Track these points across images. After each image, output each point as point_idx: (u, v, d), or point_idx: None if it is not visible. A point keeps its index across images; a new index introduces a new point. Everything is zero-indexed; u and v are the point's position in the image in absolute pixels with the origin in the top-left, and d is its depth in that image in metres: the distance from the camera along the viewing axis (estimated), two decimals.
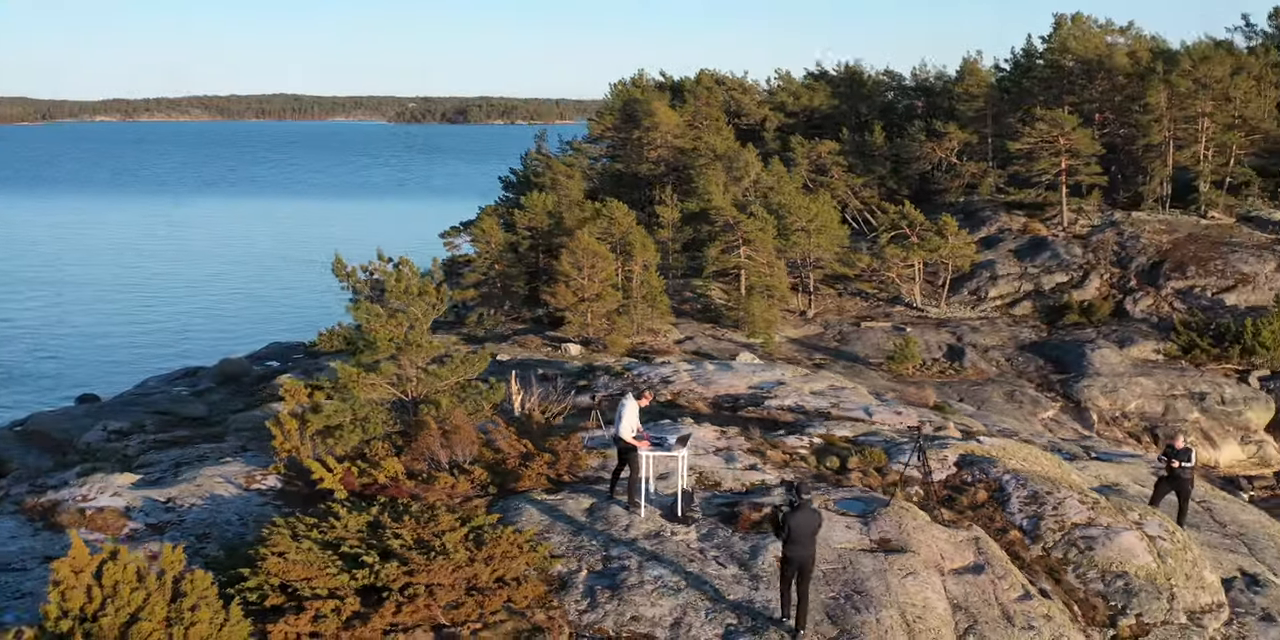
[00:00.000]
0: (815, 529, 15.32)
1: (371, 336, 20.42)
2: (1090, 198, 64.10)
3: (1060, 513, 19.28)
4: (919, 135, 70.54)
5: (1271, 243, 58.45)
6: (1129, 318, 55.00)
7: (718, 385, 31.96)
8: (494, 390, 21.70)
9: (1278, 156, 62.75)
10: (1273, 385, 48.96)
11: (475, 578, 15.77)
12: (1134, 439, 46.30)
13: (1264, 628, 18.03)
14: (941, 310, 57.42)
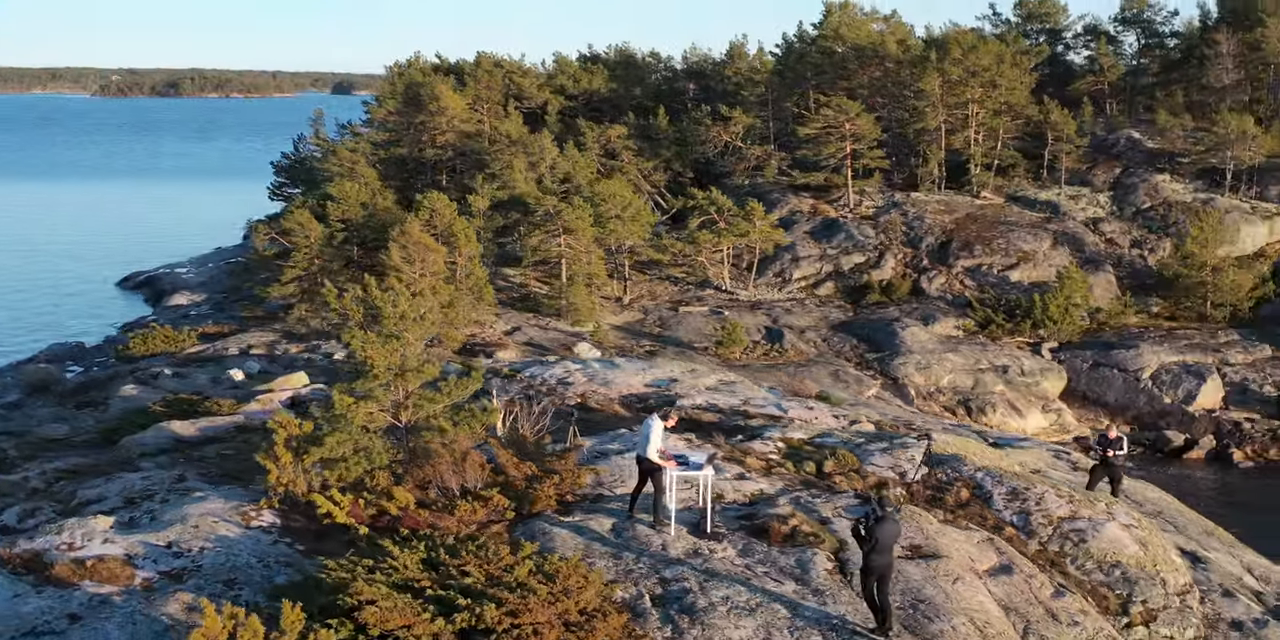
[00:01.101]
0: (896, 538, 16.02)
1: (369, 364, 19.76)
2: (873, 180, 67.21)
3: (1044, 507, 20.63)
4: (705, 119, 72.12)
5: (1042, 221, 62.89)
6: (926, 296, 58.21)
7: (617, 385, 32.24)
8: (489, 412, 21.37)
9: (1039, 140, 67.37)
10: (1063, 356, 52.88)
11: (567, 613, 15.70)
12: (950, 412, 49.21)
13: (1230, 603, 19.83)
14: (750, 293, 59.23)
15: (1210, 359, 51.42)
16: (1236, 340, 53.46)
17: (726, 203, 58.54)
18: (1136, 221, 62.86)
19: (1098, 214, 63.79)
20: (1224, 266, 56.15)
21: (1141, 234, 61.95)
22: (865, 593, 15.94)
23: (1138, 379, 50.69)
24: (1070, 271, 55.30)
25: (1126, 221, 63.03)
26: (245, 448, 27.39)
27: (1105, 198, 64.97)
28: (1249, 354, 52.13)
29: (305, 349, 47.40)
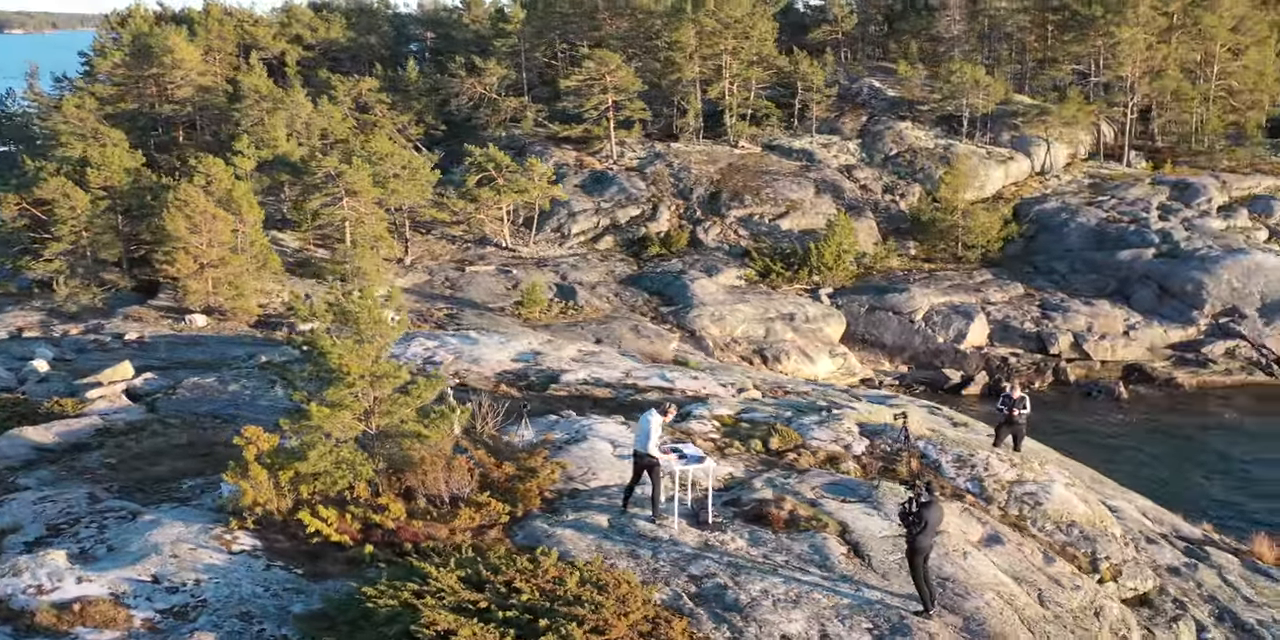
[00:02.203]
0: (941, 520, 16.73)
1: (345, 370, 18.67)
2: (633, 131, 67.84)
3: (994, 473, 21.84)
4: (459, 71, 70.76)
5: (802, 170, 65.25)
6: (704, 246, 59.57)
7: (486, 361, 31.67)
8: (460, 412, 20.62)
9: (789, 90, 69.65)
10: (840, 301, 55.39)
11: (638, 625, 15.61)
12: (747, 361, 50.81)
13: (1158, 550, 21.72)
14: (532, 249, 59.00)
15: (974, 299, 55.04)
16: (991, 279, 57.43)
17: (504, 159, 57.85)
18: (886, 168, 66.14)
19: (850, 161, 66.72)
20: (973, 210, 59.96)
21: (892, 180, 65.29)
22: (915, 574, 16.57)
23: (912, 321, 53.73)
24: (839, 219, 57.79)
25: (877, 168, 66.22)
26: (125, 454, 25.63)
27: (855, 145, 67.99)
28: (1005, 292, 56.09)
29: (86, 330, 44.13)
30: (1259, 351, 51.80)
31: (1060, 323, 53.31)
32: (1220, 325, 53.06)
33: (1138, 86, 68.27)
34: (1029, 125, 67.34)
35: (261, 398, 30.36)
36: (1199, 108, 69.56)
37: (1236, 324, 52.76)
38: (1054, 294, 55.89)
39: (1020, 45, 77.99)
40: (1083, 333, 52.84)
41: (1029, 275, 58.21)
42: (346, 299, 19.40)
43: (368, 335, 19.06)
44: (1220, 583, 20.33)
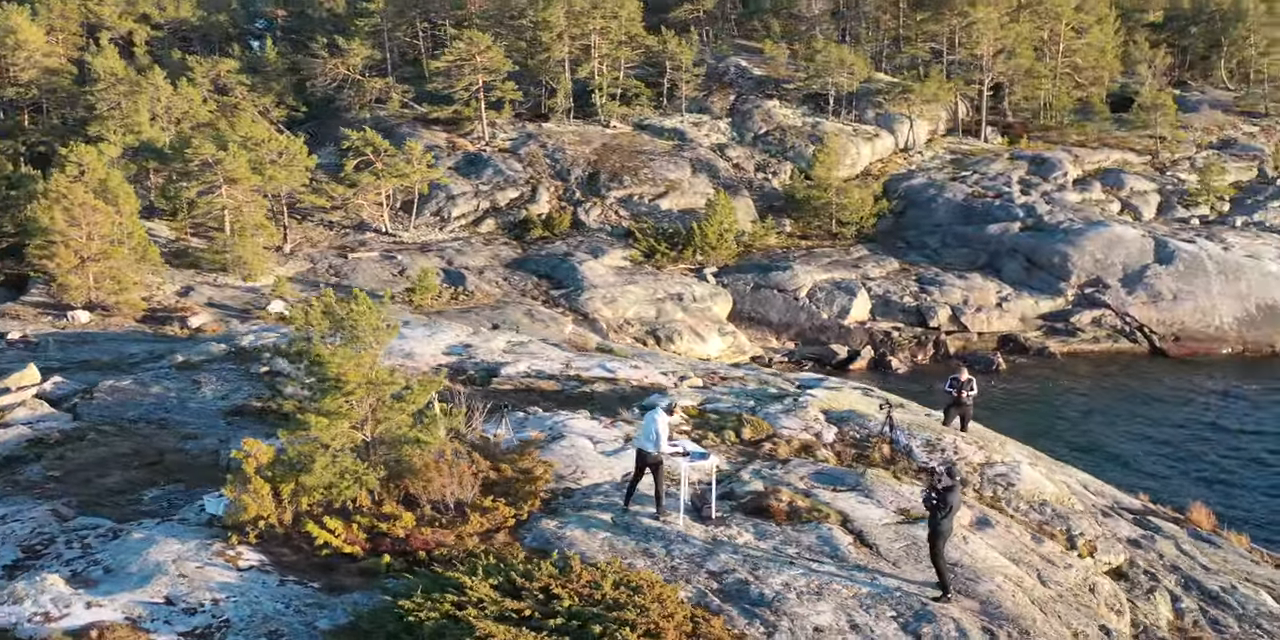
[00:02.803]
0: (960, 503, 17.32)
1: (344, 379, 18.23)
2: (504, 112, 67.30)
3: (963, 456, 22.57)
4: (321, 52, 69.08)
5: (675, 149, 65.73)
6: (587, 228, 59.61)
7: (419, 355, 31.19)
8: (452, 416, 20.31)
9: (657, 69, 69.96)
10: (725, 280, 56.16)
11: (682, 625, 15.78)
12: (641, 343, 51.18)
13: (1114, 523, 22.76)
14: (413, 234, 58.19)
15: (854, 275, 56.43)
16: (867, 255, 58.94)
17: (383, 143, 56.83)
18: (757, 146, 67.11)
19: (721, 140, 67.48)
20: (847, 187, 61.35)
21: (764, 158, 66.28)
22: (936, 557, 17.10)
23: (796, 298, 54.83)
24: (719, 198, 58.45)
25: (748, 146, 67.14)
26: (69, 466, 24.65)
27: (725, 124, 68.77)
28: (882, 268, 57.64)
29: None
30: (1123, 320, 54.38)
31: (938, 296, 55.07)
32: (1086, 295, 55.50)
33: (992, 64, 70.60)
34: (892, 103, 69.09)
35: (190, 400, 29.45)
36: (1049, 84, 72.30)
37: (1101, 294, 55.26)
38: (928, 268, 57.66)
39: (877, 24, 79.79)
40: (959, 306, 54.69)
41: (902, 250, 59.90)
42: (341, 305, 18.94)
43: (367, 342, 18.67)
44: (1178, 553, 21.47)
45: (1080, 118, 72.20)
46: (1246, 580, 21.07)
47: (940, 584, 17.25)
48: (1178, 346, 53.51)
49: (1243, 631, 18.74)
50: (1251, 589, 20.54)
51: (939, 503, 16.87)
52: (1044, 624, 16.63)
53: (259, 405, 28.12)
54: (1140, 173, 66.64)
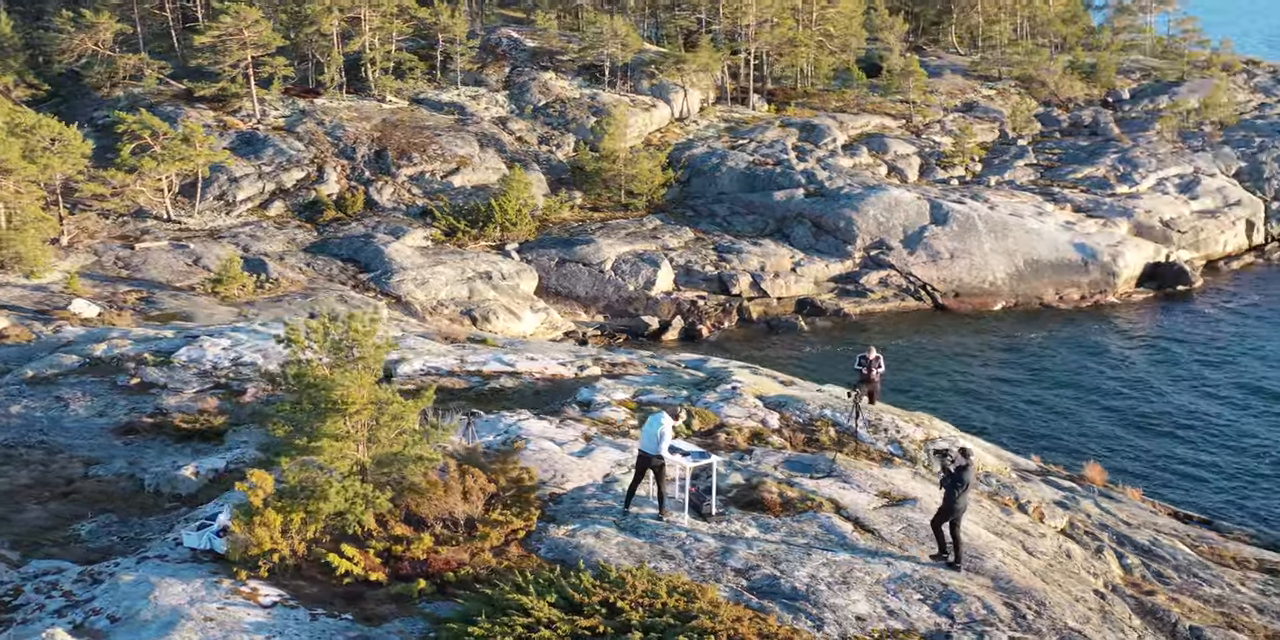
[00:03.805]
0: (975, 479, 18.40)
1: (347, 401, 17.44)
2: (273, 88, 64.74)
3: (905, 434, 23.67)
4: (67, 26, 64.49)
5: (458, 124, 64.91)
6: (381, 208, 58.30)
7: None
8: (444, 430, 19.68)
9: (429, 41, 68.72)
10: (530, 256, 56.15)
11: (751, 629, 16.16)
12: (456, 323, 50.68)
13: (1035, 487, 24.48)
14: (199, 220, 55.49)
15: (654, 246, 57.43)
16: (662, 226, 60.06)
17: (162, 125, 53.79)
18: (538, 119, 67.05)
19: (501, 114, 67.06)
20: (636, 158, 62.17)
21: (546, 131, 66.31)
22: (955, 530, 18.11)
23: (602, 271, 55.41)
24: (514, 173, 58.23)
25: (529, 119, 66.99)
26: None
27: (503, 97, 68.33)
28: (679, 238, 58.88)
29: None
30: (907, 279, 57.52)
31: (737, 264, 56.75)
32: (872, 257, 58.38)
33: (755, 34, 72.68)
34: (666, 73, 70.19)
35: (63, 419, 27.62)
36: (808, 53, 75.04)
37: (885, 255, 58.23)
38: (723, 237, 59.29)
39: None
40: (758, 272, 56.55)
41: (693, 219, 61.31)
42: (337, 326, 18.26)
43: (370, 363, 18.12)
44: (1100, 511, 23.37)
45: (839, 84, 75.33)
46: (1158, 532, 23.15)
47: (956, 557, 18.29)
48: (958, 302, 57.09)
49: (1184, 581, 20.65)
50: (1169, 540, 22.59)
51: (957, 481, 17.87)
52: (1052, 594, 17.93)
53: (151, 422, 26.67)
54: (900, 137, 70.27)
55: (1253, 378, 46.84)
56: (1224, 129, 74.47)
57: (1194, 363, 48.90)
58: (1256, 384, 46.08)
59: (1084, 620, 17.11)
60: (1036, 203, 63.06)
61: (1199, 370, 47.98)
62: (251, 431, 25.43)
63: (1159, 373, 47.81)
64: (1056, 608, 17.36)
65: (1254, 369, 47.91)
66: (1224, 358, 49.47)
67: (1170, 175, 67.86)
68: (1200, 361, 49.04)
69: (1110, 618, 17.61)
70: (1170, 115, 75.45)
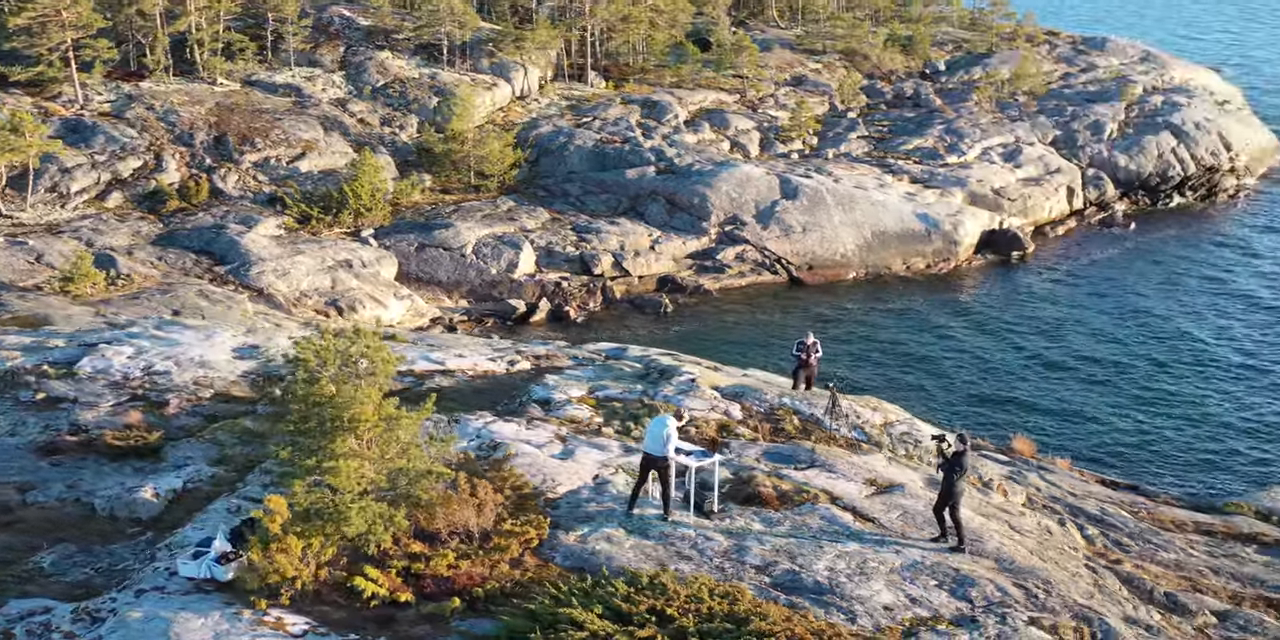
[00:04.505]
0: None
1: (358, 418, 16.79)
2: (95, 71, 61.49)
3: (865, 419, 24.20)
4: None
5: (297, 107, 62.95)
6: (228, 196, 56.19)
7: (215, 363, 28.80)
8: (444, 441, 19.10)
9: (259, 20, 66.30)
10: (387, 242, 55.05)
11: (794, 623, 16.45)
12: (324, 315, 49.51)
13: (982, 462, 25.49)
14: (32, 214, 52.47)
15: (513, 228, 57.02)
16: (516, 207, 59.64)
17: None
18: (379, 100, 65.56)
19: (339, 95, 65.33)
20: (485, 138, 61.45)
21: (388, 112, 64.92)
22: (955, 514, 18.79)
23: (463, 255, 54.76)
24: (365, 157, 56.89)
25: (369, 101, 65.43)
26: None
27: (340, 78, 66.53)
28: (535, 219, 58.58)
29: None
30: (762, 253, 58.62)
31: (597, 244, 56.84)
32: (727, 233, 59.26)
33: (592, 10, 72.50)
34: (505, 51, 69.44)
35: None
36: (642, 28, 75.27)
37: (740, 231, 59.18)
38: (579, 217, 59.25)
39: None
40: (618, 251, 56.77)
41: (546, 200, 61.07)
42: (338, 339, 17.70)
43: (381, 378, 17.64)
44: (1045, 483, 24.56)
45: (674, 61, 75.86)
46: (1101, 501, 24.45)
47: (959, 539, 19.00)
48: (812, 275, 58.51)
49: (1141, 548, 21.93)
50: (1114, 508, 23.89)
51: (957, 466, 18.53)
52: (1053, 572, 18.83)
53: (75, 440, 25.33)
54: (738, 112, 71.34)
55: (1103, 337, 49.71)
56: (1036, 99, 77.97)
57: (1045, 325, 51.55)
58: (1109, 342, 48.99)
59: (1088, 595, 18.01)
60: (876, 175, 64.99)
61: (1052, 331, 50.64)
62: (192, 446, 24.49)
63: (1014, 337, 50.26)
64: (1061, 585, 18.22)
65: (1103, 328, 50.80)
66: (1071, 318, 52.30)
67: (994, 145, 70.74)
68: (1052, 322, 51.75)
69: (1105, 590, 18.58)
70: (985, 86, 78.69)
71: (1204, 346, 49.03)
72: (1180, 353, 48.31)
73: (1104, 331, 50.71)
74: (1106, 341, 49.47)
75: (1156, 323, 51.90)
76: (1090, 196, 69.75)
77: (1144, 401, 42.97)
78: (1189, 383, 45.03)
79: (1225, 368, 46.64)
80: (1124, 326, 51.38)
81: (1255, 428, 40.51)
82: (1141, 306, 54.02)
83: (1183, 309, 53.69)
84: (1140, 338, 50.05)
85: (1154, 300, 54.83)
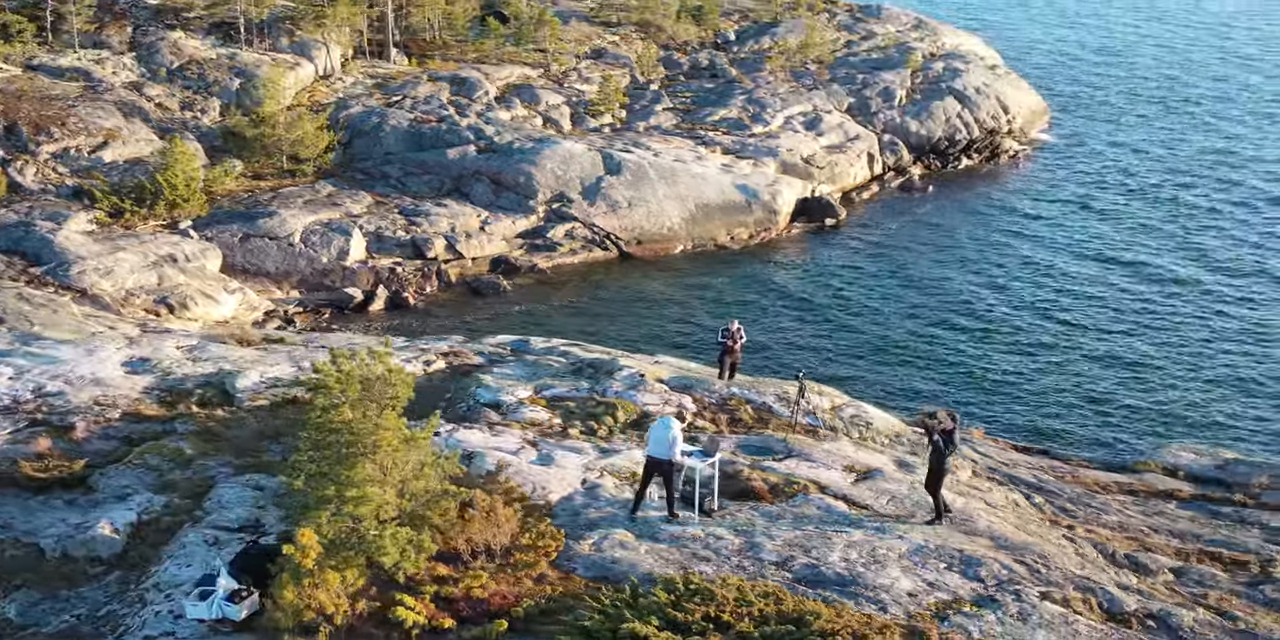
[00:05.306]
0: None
1: (380, 445, 16.05)
2: None
3: (811, 404, 24.71)
4: None
5: (89, 92, 59.35)
6: (27, 191, 52.68)
7: (110, 380, 27.04)
8: (447, 458, 18.38)
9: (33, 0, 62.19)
10: (209, 233, 52.75)
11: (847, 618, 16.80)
12: (155, 314, 47.20)
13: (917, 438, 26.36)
14: None
15: (338, 214, 55.45)
16: (337, 191, 57.97)
17: None
18: (176, 83, 62.47)
19: (132, 78, 61.94)
20: (299, 121, 59.39)
21: (187, 95, 61.94)
22: (937, 489, 19.59)
23: (291, 244, 52.98)
24: (176, 145, 54.23)
25: (165, 84, 62.26)
26: None
27: (130, 60, 63.03)
28: (359, 203, 57.08)
29: None
30: (591, 230, 58.82)
31: (428, 227, 55.87)
32: (555, 211, 59.16)
33: None
34: (305, 29, 67.06)
35: None
36: (439, 3, 73.89)
37: (567, 208, 59.18)
38: (403, 199, 58.07)
39: None
40: (450, 234, 55.97)
41: (366, 183, 59.59)
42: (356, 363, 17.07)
43: (400, 401, 17.12)
44: (980, 455, 25.75)
45: (476, 36, 74.80)
46: (1029, 469, 25.85)
47: (936, 512, 19.86)
48: (641, 249, 59.06)
49: (1085, 513, 23.36)
50: (1043, 475, 25.28)
51: (948, 443, 19.34)
52: (1044, 545, 19.90)
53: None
54: (546, 87, 71.04)
55: (942, 298, 52.15)
56: (827, 67, 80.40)
57: (878, 289, 53.72)
58: (953, 303, 51.48)
59: (1080, 566, 19.13)
60: (691, 147, 65.93)
61: (888, 295, 52.82)
62: (123, 473, 23.19)
63: (850, 302, 52.22)
64: (1055, 558, 19.29)
65: (936, 289, 53.29)
66: (900, 281, 54.70)
67: (795, 113, 72.68)
68: (883, 287, 53.95)
69: (1088, 558, 19.74)
70: (776, 56, 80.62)
71: (1030, 302, 52.05)
72: (1019, 309, 51.23)
73: (939, 292, 53.10)
74: (949, 303, 51.81)
75: (982, 281, 54.77)
76: (889, 162, 72.48)
77: (996, 359, 45.39)
78: (1033, 337, 47.77)
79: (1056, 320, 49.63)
80: (955, 286, 53.99)
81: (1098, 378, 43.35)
82: (961, 265, 56.84)
83: (999, 266, 56.79)
84: (977, 296, 52.73)
85: (969, 258, 57.83)
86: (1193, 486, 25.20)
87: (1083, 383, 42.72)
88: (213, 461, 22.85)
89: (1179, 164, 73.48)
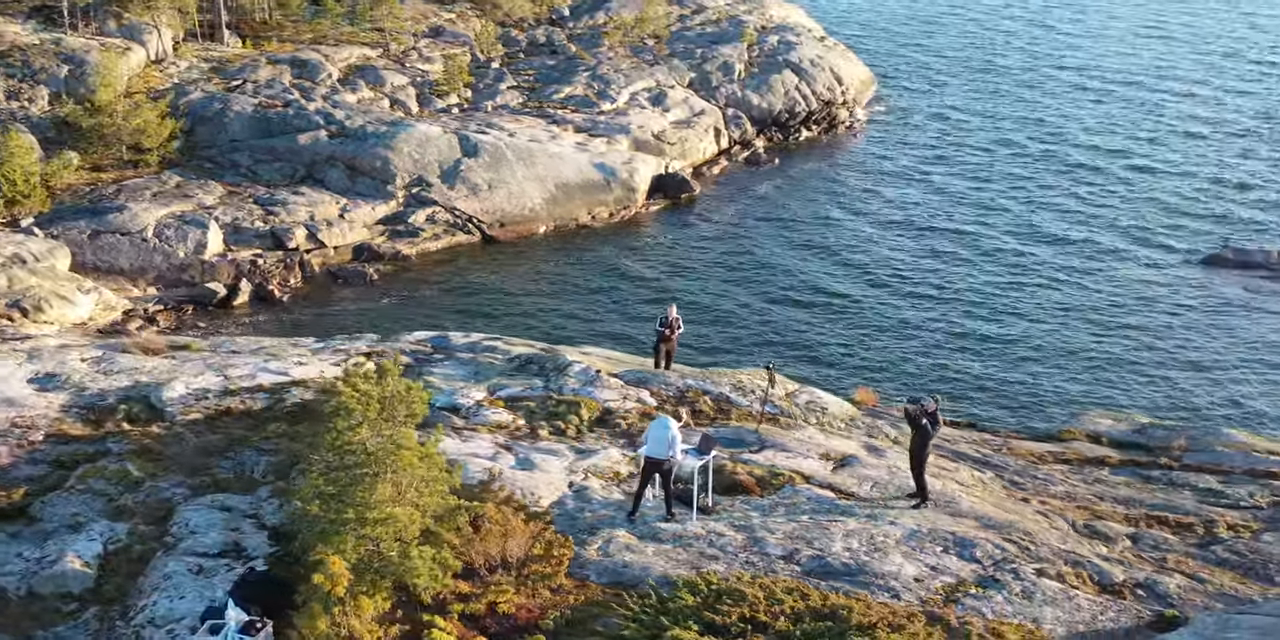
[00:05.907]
0: None
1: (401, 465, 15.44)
2: None
3: (772, 394, 24.89)
4: None
5: None
6: None
7: (24, 399, 25.56)
8: (451, 472, 17.75)
9: None
10: (55, 231, 50.19)
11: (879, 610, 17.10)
12: (9, 319, 44.76)
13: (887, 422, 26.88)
14: None
15: (191, 206, 53.40)
16: (185, 182, 55.78)
17: None
18: None
19: None
20: (138, 110, 56.77)
21: (12, 84, 58.53)
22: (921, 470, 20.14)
23: (144, 239, 50.84)
24: (12, 137, 51.32)
25: None
26: None
27: None
28: (210, 194, 55.06)
29: None
30: (453, 214, 58.04)
31: (285, 217, 54.27)
32: (414, 196, 58.14)
33: None
34: (133, 11, 63.98)
35: None
36: None
37: (427, 192, 58.23)
38: (256, 188, 56.26)
39: None
40: (310, 223, 54.50)
41: (215, 172, 57.51)
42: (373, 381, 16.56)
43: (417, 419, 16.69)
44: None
45: (311, 15, 72.59)
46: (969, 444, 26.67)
47: (921, 494, 20.46)
48: (505, 231, 58.58)
49: (1034, 485, 24.34)
50: (983, 449, 26.21)
51: (934, 423, 19.91)
52: (1025, 522, 20.66)
53: None
54: (389, 68, 69.50)
55: (808, 269, 53.25)
56: (665, 42, 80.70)
57: (745, 261, 54.63)
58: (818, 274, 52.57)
59: (1062, 540, 19.95)
60: (543, 126, 65.49)
61: (759, 267, 53.74)
62: (68, 500, 22.03)
63: (716, 275, 53.05)
64: (1039, 534, 20.08)
65: (799, 260, 54.35)
66: (765, 253, 55.65)
67: (639, 89, 72.84)
68: (752, 258, 54.84)
69: (1063, 531, 20.60)
70: (614, 31, 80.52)
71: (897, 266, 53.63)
72: (887, 274, 52.69)
73: (804, 263, 54.17)
74: (814, 273, 52.91)
75: (840, 249, 56.15)
76: (734, 136, 73.30)
77: (881, 329, 46.68)
78: (904, 306, 49.21)
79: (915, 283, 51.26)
80: (816, 256, 55.16)
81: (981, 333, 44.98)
82: (817, 236, 58.10)
83: (852, 233, 58.30)
84: (838, 265, 54.02)
85: (822, 227, 59.24)
86: (1118, 453, 26.43)
87: (934, 355, 44.24)
88: (164, 483, 21.87)
89: (1002, 134, 76.27)
